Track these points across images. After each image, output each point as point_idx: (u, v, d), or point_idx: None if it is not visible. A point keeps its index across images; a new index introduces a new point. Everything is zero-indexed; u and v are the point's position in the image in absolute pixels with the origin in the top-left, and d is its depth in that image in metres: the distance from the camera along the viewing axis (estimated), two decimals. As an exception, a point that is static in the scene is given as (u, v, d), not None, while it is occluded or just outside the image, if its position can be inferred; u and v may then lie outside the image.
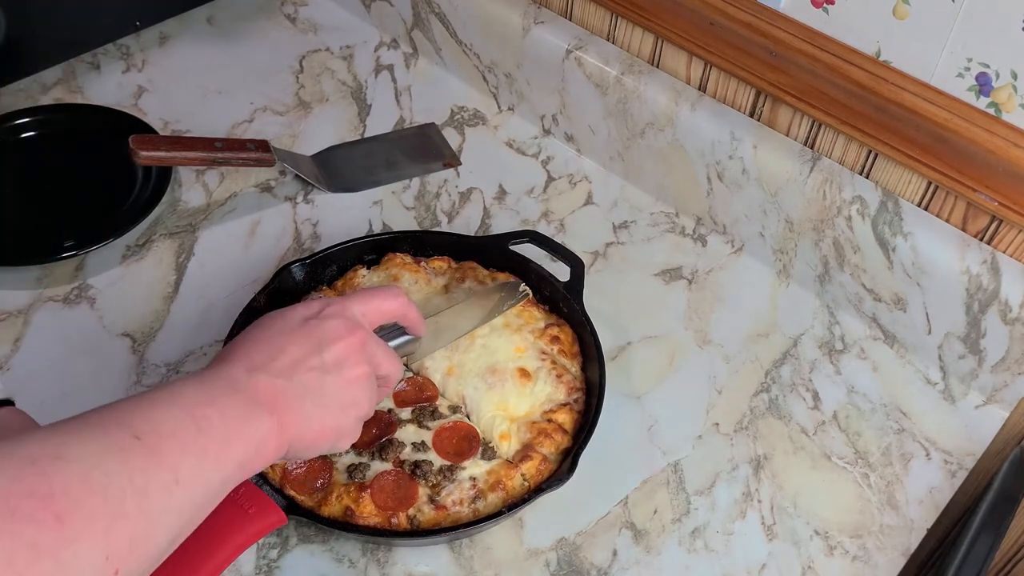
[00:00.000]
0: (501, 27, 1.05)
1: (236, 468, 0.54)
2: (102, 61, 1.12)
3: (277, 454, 0.57)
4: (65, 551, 0.42)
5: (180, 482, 0.49)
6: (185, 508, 0.50)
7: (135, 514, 0.46)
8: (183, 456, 0.50)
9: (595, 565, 0.74)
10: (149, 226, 0.95)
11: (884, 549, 0.76)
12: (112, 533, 0.44)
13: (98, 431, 0.48)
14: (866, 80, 0.81)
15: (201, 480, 0.51)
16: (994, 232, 0.82)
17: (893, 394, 0.87)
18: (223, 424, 0.53)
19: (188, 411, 0.52)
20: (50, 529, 0.42)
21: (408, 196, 1.02)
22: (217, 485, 0.52)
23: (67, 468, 0.44)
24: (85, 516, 0.43)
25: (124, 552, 0.45)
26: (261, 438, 0.56)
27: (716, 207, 0.98)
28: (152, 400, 0.52)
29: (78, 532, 0.43)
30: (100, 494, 0.44)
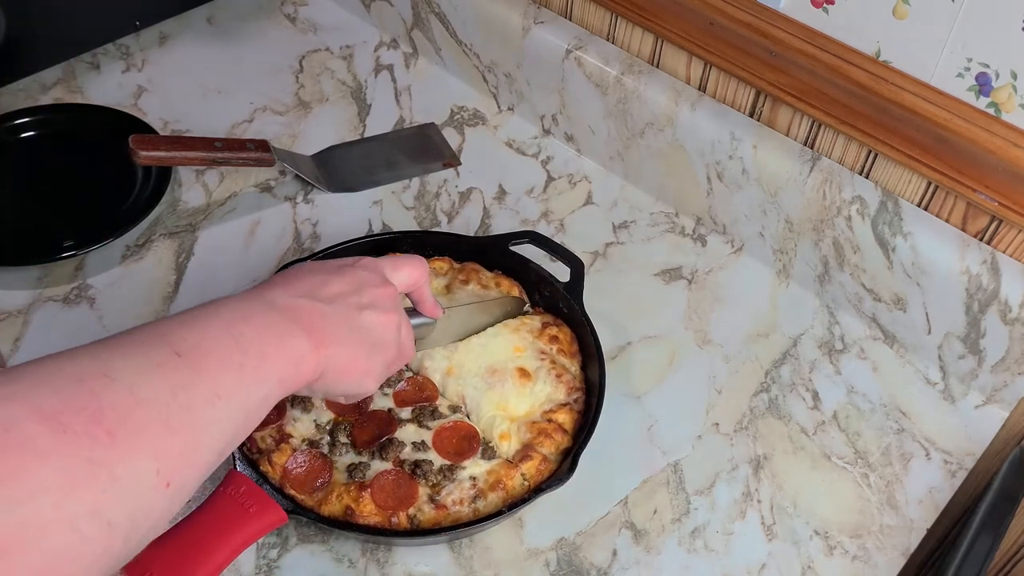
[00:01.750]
0: (501, 27, 1.05)
1: (276, 384, 0.55)
2: (102, 61, 1.12)
3: (314, 374, 0.58)
4: (119, 466, 0.43)
5: (222, 396, 0.50)
6: (228, 422, 0.51)
7: (181, 428, 0.47)
8: (223, 371, 0.51)
9: (595, 565, 0.74)
10: (149, 226, 0.95)
11: (884, 549, 0.76)
12: (161, 447, 0.45)
13: (141, 348, 0.49)
14: (866, 80, 0.81)
15: (241, 395, 0.52)
16: (994, 232, 0.82)
17: (893, 394, 0.87)
18: (260, 340, 0.54)
19: (225, 328, 0.53)
20: (103, 445, 0.42)
21: (408, 196, 1.02)
22: (258, 400, 0.53)
23: (113, 385, 0.45)
24: (135, 431, 0.44)
25: (173, 465, 0.46)
26: (299, 356, 0.56)
27: (716, 207, 0.98)
28: (190, 318, 0.53)
29: (130, 447, 0.44)
30: (147, 409, 0.45)
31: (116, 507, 0.43)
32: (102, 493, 0.42)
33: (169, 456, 0.46)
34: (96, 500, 0.42)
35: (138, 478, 0.44)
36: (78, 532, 0.41)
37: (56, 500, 0.40)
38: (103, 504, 0.42)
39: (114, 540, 0.43)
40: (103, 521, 0.42)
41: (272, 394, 0.55)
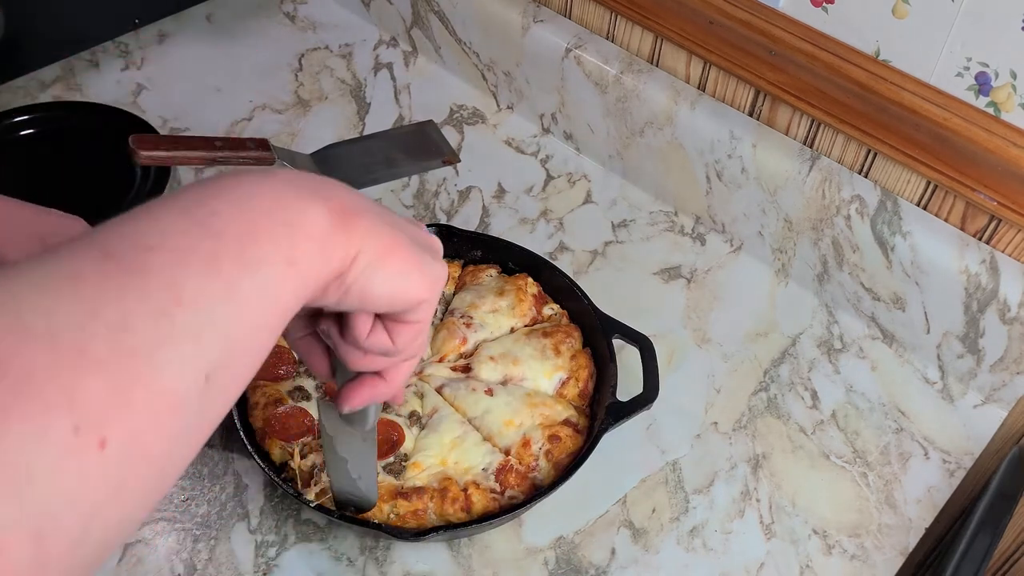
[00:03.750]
0: (500, 25, 1.05)
1: (283, 270, 0.39)
2: (101, 59, 1.12)
3: (345, 257, 0.42)
4: (6, 437, 0.29)
5: (182, 302, 0.35)
6: (200, 339, 0.35)
7: (109, 358, 0.32)
8: (179, 268, 0.35)
9: (593, 564, 0.74)
10: (148, 224, 0.95)
11: (882, 548, 0.77)
12: (77, 392, 0.31)
13: (55, 260, 0.34)
14: (865, 79, 0.81)
15: (214, 296, 0.36)
16: (993, 231, 0.82)
17: (892, 393, 0.87)
18: (244, 216, 0.38)
19: (184, 211, 0.38)
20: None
21: (407, 194, 1.02)
22: (258, 300, 0.38)
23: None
24: (24, 378, 0.30)
25: (103, 414, 0.31)
26: (316, 226, 0.40)
27: (715, 206, 0.98)
28: (142, 209, 0.38)
29: (21, 403, 0.29)
30: (46, 343, 0.31)
31: (17, 497, 0.29)
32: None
33: (90, 402, 0.31)
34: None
35: (44, 444, 0.29)
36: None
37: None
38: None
39: (42, 545, 0.29)
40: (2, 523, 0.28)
41: (284, 284, 0.39)
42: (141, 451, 0.33)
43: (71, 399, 0.30)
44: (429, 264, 0.47)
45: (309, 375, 0.78)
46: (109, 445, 0.31)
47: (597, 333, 0.82)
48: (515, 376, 0.80)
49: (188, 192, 0.39)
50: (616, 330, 0.81)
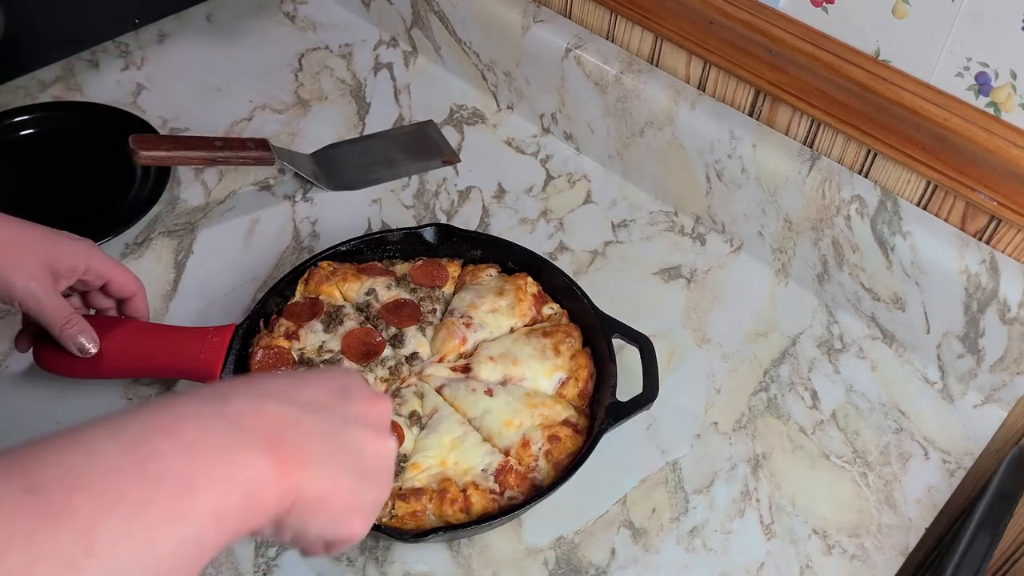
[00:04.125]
0: (500, 25, 1.05)
1: (210, 522, 0.38)
2: (101, 59, 1.12)
3: (280, 506, 0.42)
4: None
5: (95, 553, 0.34)
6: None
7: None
8: (102, 513, 0.34)
9: (593, 564, 0.74)
10: (148, 224, 0.95)
11: (882, 548, 0.77)
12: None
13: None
14: (865, 79, 0.81)
15: (136, 546, 0.35)
16: (993, 231, 0.82)
17: (892, 393, 0.87)
18: (186, 461, 0.38)
19: (126, 446, 0.37)
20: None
21: (407, 194, 1.02)
22: (174, 551, 0.37)
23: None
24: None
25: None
26: (255, 481, 0.40)
27: (715, 206, 0.98)
28: (84, 433, 0.38)
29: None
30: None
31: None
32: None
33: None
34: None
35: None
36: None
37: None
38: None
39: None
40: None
41: (206, 540, 0.38)
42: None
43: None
44: (369, 500, 0.48)
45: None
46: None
47: (597, 333, 0.82)
48: (515, 376, 0.80)
49: (135, 420, 0.39)
50: (616, 330, 0.81)
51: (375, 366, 0.79)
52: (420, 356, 0.81)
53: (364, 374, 0.78)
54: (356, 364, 0.79)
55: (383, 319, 0.82)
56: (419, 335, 0.82)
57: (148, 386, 0.81)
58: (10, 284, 0.69)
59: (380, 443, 0.49)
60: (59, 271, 0.72)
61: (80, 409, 0.78)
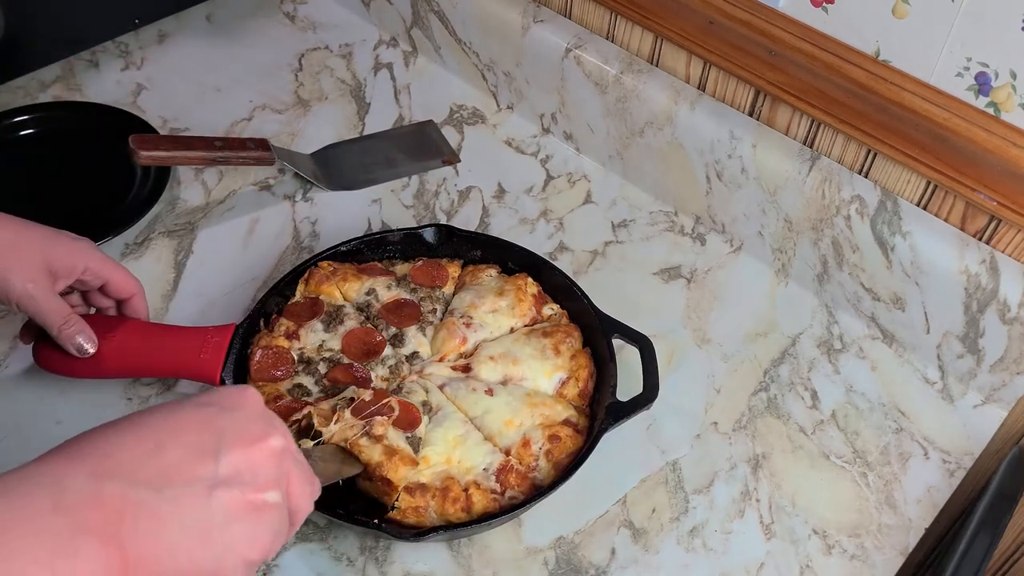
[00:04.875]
0: (500, 25, 1.05)
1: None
2: (101, 59, 1.12)
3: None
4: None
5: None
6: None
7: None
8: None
9: (593, 564, 0.74)
10: (148, 224, 0.95)
11: (882, 548, 0.77)
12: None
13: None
14: (865, 79, 0.81)
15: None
16: (993, 231, 0.82)
17: (892, 393, 0.87)
18: (3, 572, 0.36)
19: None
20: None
21: (407, 194, 1.02)
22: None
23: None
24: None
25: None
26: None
27: (715, 206, 0.98)
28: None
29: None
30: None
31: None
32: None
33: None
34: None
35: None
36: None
37: None
38: None
39: None
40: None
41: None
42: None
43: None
44: (235, 565, 0.44)
45: (308, 373, 0.78)
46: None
47: (597, 333, 0.82)
48: (515, 376, 0.80)
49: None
50: (616, 330, 0.81)
51: (375, 365, 0.79)
52: (420, 356, 0.81)
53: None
54: (357, 363, 0.79)
55: (383, 319, 0.82)
56: (419, 335, 0.82)
57: (148, 386, 0.81)
58: (8, 285, 0.69)
59: (254, 502, 0.44)
60: (57, 271, 0.71)
61: (80, 409, 0.78)
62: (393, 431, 0.73)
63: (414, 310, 0.83)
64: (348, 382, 0.77)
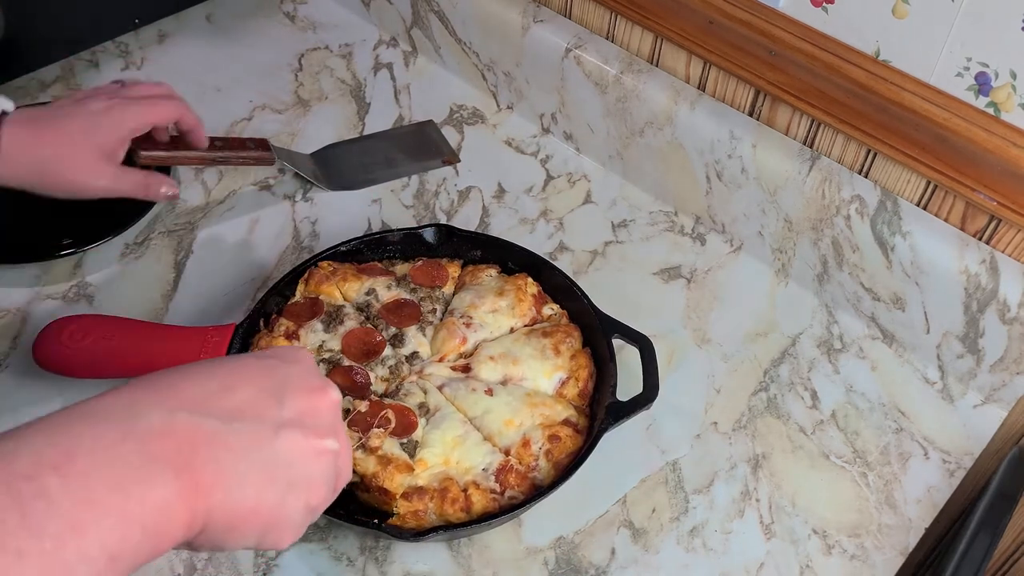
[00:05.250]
0: (500, 25, 1.05)
1: (101, 563, 0.35)
2: (101, 59, 1.12)
3: (188, 531, 0.40)
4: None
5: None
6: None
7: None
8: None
9: (593, 564, 0.74)
10: (148, 224, 0.95)
11: (882, 548, 0.77)
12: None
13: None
14: (865, 79, 0.81)
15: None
16: (993, 231, 0.82)
17: (891, 393, 0.87)
18: (75, 500, 0.35)
19: (9, 485, 0.34)
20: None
21: (407, 194, 1.02)
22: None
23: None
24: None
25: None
26: (156, 512, 0.38)
27: (715, 206, 0.98)
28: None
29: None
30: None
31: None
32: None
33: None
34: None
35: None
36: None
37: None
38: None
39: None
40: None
41: None
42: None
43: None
44: (297, 512, 0.45)
45: None
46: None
47: (597, 333, 0.82)
48: (515, 376, 0.80)
49: (25, 449, 0.35)
50: (616, 330, 0.81)
51: (375, 365, 0.79)
52: (420, 356, 0.81)
53: (316, 358, 0.77)
54: (356, 364, 0.79)
55: (383, 319, 0.82)
56: (419, 335, 0.82)
57: (148, 386, 0.81)
58: (83, 187, 0.78)
59: (313, 446, 0.45)
60: (112, 150, 0.79)
61: (80, 409, 0.78)
62: (388, 439, 0.73)
63: (414, 310, 0.83)
64: (346, 386, 0.76)
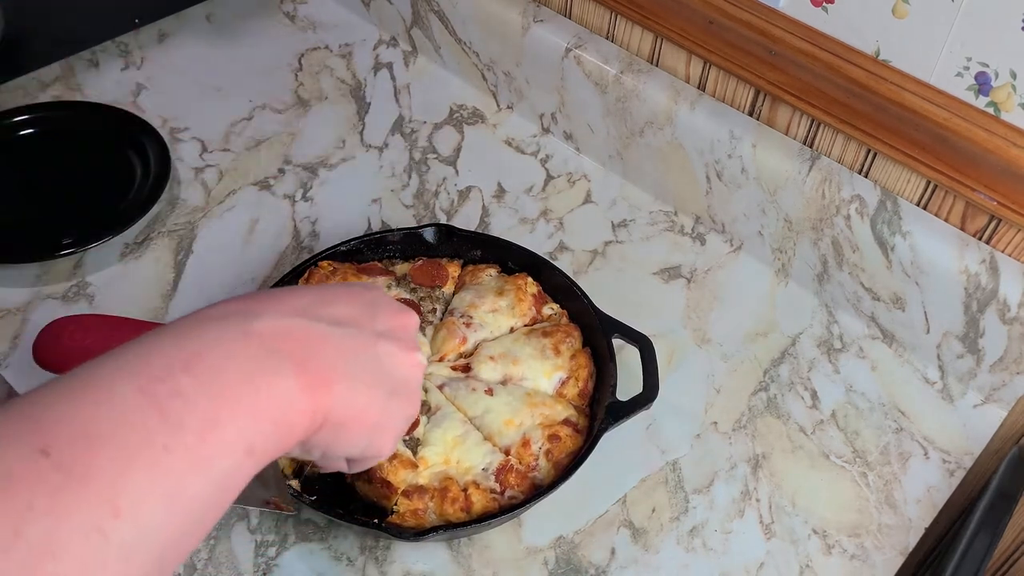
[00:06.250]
0: (500, 25, 1.05)
1: (240, 456, 0.37)
2: (101, 59, 1.12)
3: (309, 427, 0.41)
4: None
5: (121, 514, 0.31)
6: (140, 547, 0.32)
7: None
8: (124, 469, 0.32)
9: (593, 564, 0.74)
10: (148, 224, 0.95)
11: (882, 548, 0.77)
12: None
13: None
14: (865, 79, 0.81)
15: (159, 499, 0.33)
16: (993, 231, 0.82)
17: (891, 393, 0.87)
18: (209, 396, 0.36)
19: (145, 387, 0.34)
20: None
21: (407, 194, 1.02)
22: (201, 492, 0.35)
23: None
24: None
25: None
26: (284, 404, 0.39)
27: (715, 206, 0.98)
28: (92, 377, 0.34)
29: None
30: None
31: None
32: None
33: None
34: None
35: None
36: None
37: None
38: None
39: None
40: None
41: (236, 473, 0.37)
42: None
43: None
44: (398, 417, 0.47)
45: None
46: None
47: (597, 333, 0.82)
48: (515, 376, 0.80)
49: (154, 352, 0.36)
50: (616, 330, 0.81)
51: None
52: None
53: None
54: None
55: None
56: (419, 334, 0.82)
57: (148, 386, 0.81)
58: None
59: (409, 357, 0.48)
60: None
61: (80, 409, 0.78)
62: None
63: (414, 310, 0.83)
64: None
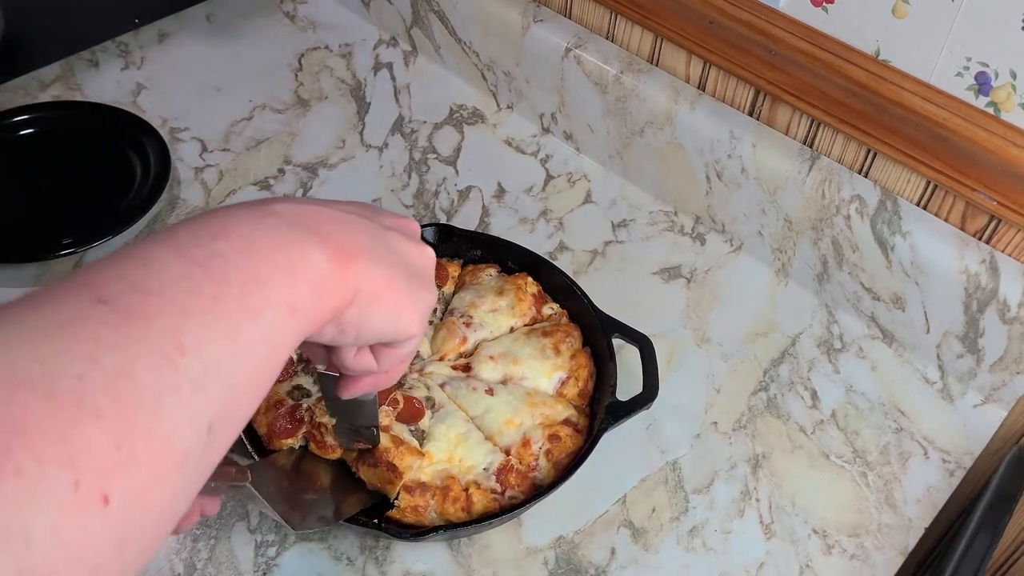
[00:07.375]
0: (500, 25, 1.05)
1: (286, 313, 0.39)
2: (101, 58, 1.12)
3: (344, 295, 0.43)
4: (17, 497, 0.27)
5: (186, 351, 0.33)
6: (202, 386, 0.34)
7: (109, 411, 0.30)
8: (181, 313, 0.34)
9: (593, 563, 0.74)
10: (148, 224, 0.95)
11: (882, 548, 0.77)
12: (75, 445, 0.29)
13: (48, 305, 0.32)
14: (865, 79, 0.81)
15: (219, 343, 0.35)
16: (993, 231, 0.82)
17: (891, 393, 0.87)
18: (246, 258, 0.38)
19: (183, 253, 0.37)
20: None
21: (407, 194, 1.02)
22: (258, 341, 0.37)
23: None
24: (17, 429, 0.28)
25: (104, 468, 0.29)
26: (317, 271, 0.41)
27: (715, 206, 0.98)
28: (130, 250, 0.36)
29: (19, 461, 0.27)
30: (39, 392, 0.29)
31: (13, 563, 0.27)
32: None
33: (91, 456, 0.29)
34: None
35: (41, 502, 0.28)
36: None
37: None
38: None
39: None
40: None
41: (285, 330, 0.39)
42: (144, 506, 0.31)
43: (70, 452, 0.28)
44: (420, 298, 0.48)
45: (306, 372, 0.78)
46: (112, 501, 0.29)
47: (597, 332, 0.82)
48: (515, 375, 0.80)
49: (181, 232, 0.38)
50: (616, 330, 0.81)
51: None
52: (420, 355, 0.81)
53: None
54: None
55: None
56: None
57: (148, 386, 0.81)
58: None
59: (419, 247, 0.50)
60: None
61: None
62: (397, 424, 0.73)
63: None
64: None
